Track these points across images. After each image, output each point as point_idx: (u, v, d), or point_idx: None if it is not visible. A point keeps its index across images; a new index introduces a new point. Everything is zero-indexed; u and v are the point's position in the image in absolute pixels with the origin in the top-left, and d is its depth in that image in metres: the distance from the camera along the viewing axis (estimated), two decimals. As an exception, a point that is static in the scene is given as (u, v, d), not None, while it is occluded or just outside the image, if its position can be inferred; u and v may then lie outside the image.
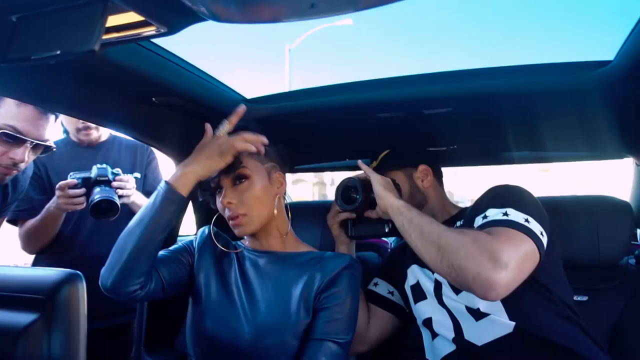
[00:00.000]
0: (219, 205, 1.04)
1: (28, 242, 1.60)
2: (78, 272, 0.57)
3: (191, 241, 1.12)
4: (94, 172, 1.44)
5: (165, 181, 0.96)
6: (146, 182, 1.74)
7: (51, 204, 1.49)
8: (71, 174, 1.46)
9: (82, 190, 1.42)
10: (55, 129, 1.67)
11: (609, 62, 1.01)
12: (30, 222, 1.57)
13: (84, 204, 1.42)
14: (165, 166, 1.79)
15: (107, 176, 1.44)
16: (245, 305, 1.01)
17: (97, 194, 1.38)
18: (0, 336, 0.52)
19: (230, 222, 1.03)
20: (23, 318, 0.54)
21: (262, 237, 1.08)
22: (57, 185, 1.44)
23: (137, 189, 1.60)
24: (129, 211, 1.63)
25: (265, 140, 1.02)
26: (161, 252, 1.07)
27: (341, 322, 0.99)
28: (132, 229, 0.95)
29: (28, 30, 0.64)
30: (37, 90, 0.97)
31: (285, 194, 1.12)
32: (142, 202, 1.59)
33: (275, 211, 1.06)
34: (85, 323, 0.55)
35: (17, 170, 1.22)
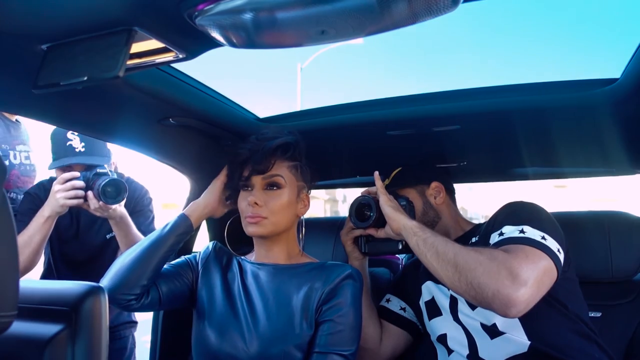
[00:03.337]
0: (242, 202, 1.07)
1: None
2: (101, 285, 0.60)
3: (194, 256, 1.15)
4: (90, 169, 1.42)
5: (182, 213, 1.10)
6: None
7: (44, 208, 1.40)
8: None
9: (82, 184, 1.38)
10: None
11: (615, 79, 1.02)
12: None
13: (82, 200, 1.38)
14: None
15: (104, 169, 1.42)
16: (248, 318, 1.02)
17: (101, 181, 1.37)
18: (29, 346, 0.55)
19: (247, 220, 1.05)
20: (49, 329, 0.56)
21: (270, 247, 1.10)
22: (58, 179, 1.38)
23: None
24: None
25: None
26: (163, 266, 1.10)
27: (344, 334, 0.99)
28: (140, 244, 1.04)
29: (57, 59, 0.69)
30: (62, 114, 1.02)
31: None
32: (133, 230, 1.50)
33: (293, 229, 1.10)
34: (107, 334, 0.58)
35: None
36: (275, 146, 1.05)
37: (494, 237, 1.03)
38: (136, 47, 0.70)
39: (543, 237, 0.96)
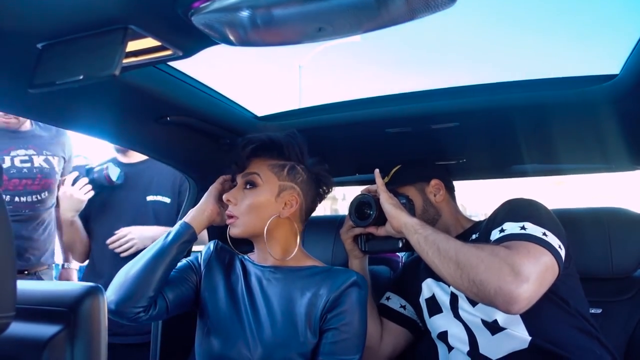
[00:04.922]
0: None
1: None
2: (99, 285, 0.60)
3: (196, 257, 1.13)
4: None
5: (184, 221, 1.06)
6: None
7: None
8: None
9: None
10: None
11: (614, 75, 1.02)
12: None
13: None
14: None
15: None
16: (252, 324, 1.01)
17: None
18: (27, 347, 0.55)
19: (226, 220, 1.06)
20: (48, 330, 0.56)
21: (262, 249, 1.07)
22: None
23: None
24: None
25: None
26: None
27: (349, 342, 0.98)
28: (143, 254, 1.01)
29: (52, 57, 0.68)
30: (59, 113, 1.01)
31: (300, 213, 1.09)
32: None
33: (282, 230, 1.06)
34: (106, 335, 0.58)
35: None
36: (245, 143, 1.04)
37: (495, 234, 1.03)
38: (132, 46, 0.69)
39: (544, 234, 0.96)
